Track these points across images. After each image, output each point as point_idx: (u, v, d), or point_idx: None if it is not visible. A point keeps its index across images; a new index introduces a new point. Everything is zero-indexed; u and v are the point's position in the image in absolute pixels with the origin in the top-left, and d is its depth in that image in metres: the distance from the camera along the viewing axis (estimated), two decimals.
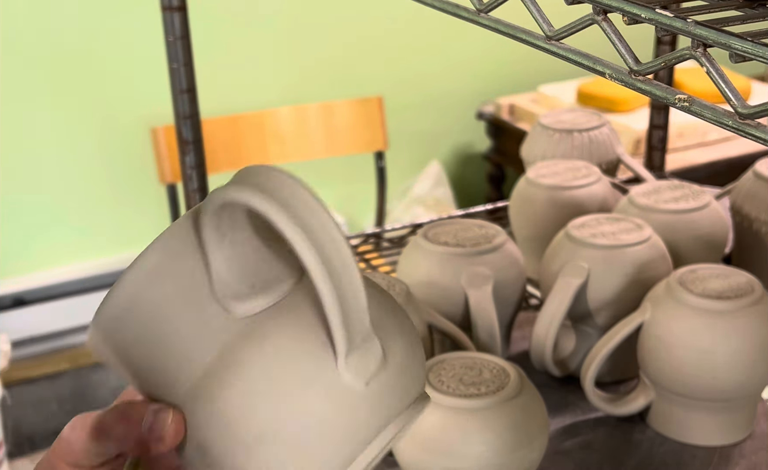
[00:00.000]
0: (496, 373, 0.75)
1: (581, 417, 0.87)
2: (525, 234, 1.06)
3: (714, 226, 0.97)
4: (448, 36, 2.35)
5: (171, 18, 0.95)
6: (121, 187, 2.16)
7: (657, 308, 0.81)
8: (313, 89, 2.24)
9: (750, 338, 0.78)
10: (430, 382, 0.74)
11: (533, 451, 0.73)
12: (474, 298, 0.87)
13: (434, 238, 0.92)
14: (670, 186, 1.01)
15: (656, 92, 0.42)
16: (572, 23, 0.46)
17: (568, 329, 0.92)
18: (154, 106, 2.01)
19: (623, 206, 0.99)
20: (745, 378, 0.79)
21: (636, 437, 0.84)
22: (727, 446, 0.83)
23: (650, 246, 0.89)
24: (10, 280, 2.17)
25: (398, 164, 2.35)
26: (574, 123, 1.16)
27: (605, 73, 0.44)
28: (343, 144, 2.08)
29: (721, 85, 0.38)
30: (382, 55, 2.35)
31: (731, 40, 0.37)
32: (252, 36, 2.18)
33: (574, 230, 0.90)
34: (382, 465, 0.82)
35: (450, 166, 2.53)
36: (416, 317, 0.82)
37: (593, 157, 1.14)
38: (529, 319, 1.00)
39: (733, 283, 0.80)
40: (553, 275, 0.89)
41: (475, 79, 2.46)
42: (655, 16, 0.41)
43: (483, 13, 0.52)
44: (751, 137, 0.37)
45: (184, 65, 0.96)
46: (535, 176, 1.05)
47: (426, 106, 2.45)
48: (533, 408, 0.74)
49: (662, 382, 0.81)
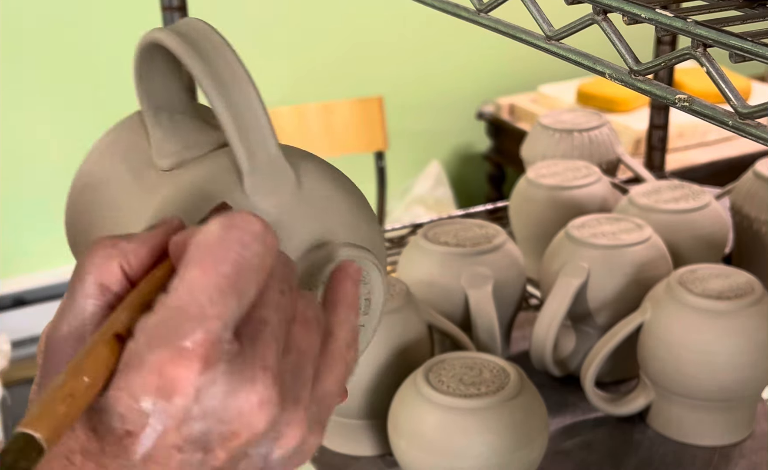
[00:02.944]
0: (496, 373, 0.75)
1: (581, 417, 0.87)
2: (525, 234, 1.06)
3: (714, 226, 0.97)
4: (448, 36, 2.35)
5: (171, 18, 0.95)
6: None
7: (657, 308, 0.81)
8: (313, 89, 2.24)
9: (750, 338, 0.78)
10: (430, 382, 0.75)
11: (533, 451, 0.73)
12: (474, 298, 0.87)
13: (434, 238, 0.92)
14: (670, 186, 1.01)
15: (656, 92, 0.42)
16: (572, 23, 0.46)
17: (568, 329, 0.92)
18: None
19: (623, 206, 0.99)
20: (745, 378, 0.79)
21: (636, 437, 0.84)
22: (727, 446, 0.83)
23: (650, 246, 0.89)
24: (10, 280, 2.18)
25: (398, 164, 2.35)
26: (574, 123, 1.16)
27: (605, 73, 0.44)
28: (343, 144, 2.08)
29: (721, 85, 0.38)
30: (382, 55, 2.35)
31: (731, 40, 0.37)
32: (252, 36, 2.18)
33: (574, 230, 0.90)
34: (382, 464, 0.82)
35: (450, 166, 2.53)
36: (416, 317, 0.82)
37: (593, 157, 1.14)
38: (529, 319, 1.00)
39: (733, 283, 0.80)
40: (553, 275, 0.89)
41: (475, 79, 2.47)
42: (655, 16, 0.41)
43: (483, 13, 0.52)
44: (751, 136, 0.37)
45: None
46: (535, 176, 1.05)
47: (426, 106, 2.45)
48: (533, 408, 0.74)
49: (662, 382, 0.81)
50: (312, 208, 0.42)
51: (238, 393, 0.33)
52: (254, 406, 0.33)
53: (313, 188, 0.42)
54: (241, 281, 0.33)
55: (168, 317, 0.33)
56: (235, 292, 0.33)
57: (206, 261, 0.33)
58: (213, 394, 0.33)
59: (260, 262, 0.34)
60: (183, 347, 0.32)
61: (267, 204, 0.41)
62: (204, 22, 0.41)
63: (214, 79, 0.39)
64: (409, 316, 0.82)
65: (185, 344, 0.32)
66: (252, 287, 0.34)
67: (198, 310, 0.32)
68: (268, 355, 0.34)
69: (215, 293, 0.33)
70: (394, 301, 0.81)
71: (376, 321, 0.45)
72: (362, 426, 0.82)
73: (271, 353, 0.34)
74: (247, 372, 0.33)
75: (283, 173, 0.41)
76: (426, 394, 0.73)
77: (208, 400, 0.33)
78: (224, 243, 0.33)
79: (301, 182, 0.42)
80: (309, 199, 0.42)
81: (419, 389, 0.74)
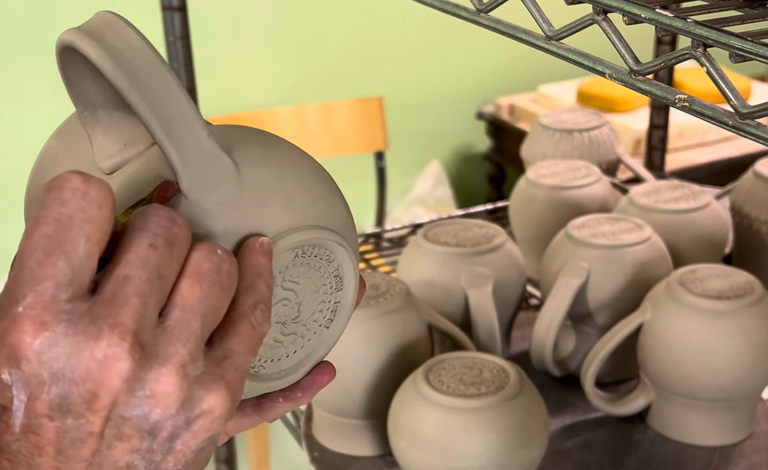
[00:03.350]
0: (496, 373, 0.75)
1: (581, 417, 0.87)
2: (525, 234, 1.06)
3: (714, 226, 0.97)
4: (448, 36, 2.35)
5: (171, 18, 0.95)
6: None
7: (657, 308, 0.81)
8: (313, 89, 2.24)
9: (750, 338, 0.78)
10: (430, 382, 0.75)
11: (533, 451, 0.73)
12: (474, 298, 0.87)
13: (434, 238, 0.92)
14: (670, 186, 1.01)
15: (656, 92, 0.42)
16: (572, 23, 0.46)
17: (568, 329, 0.92)
18: None
19: (623, 206, 0.99)
20: (745, 378, 0.79)
21: (636, 437, 0.84)
22: (727, 446, 0.83)
23: (650, 246, 0.89)
24: None
25: (398, 164, 2.35)
26: (574, 123, 1.16)
27: (605, 73, 0.44)
28: (343, 144, 2.08)
29: (721, 85, 0.38)
30: (382, 55, 2.35)
31: (731, 40, 0.37)
32: (252, 36, 2.18)
33: (574, 230, 0.90)
34: (382, 464, 0.82)
35: (450, 166, 2.53)
36: (416, 317, 0.82)
37: (593, 157, 1.14)
38: (529, 319, 1.00)
39: (733, 283, 0.80)
40: (553, 275, 0.89)
41: (475, 79, 2.46)
42: (655, 16, 0.41)
43: (483, 13, 0.52)
44: (751, 136, 0.37)
45: (184, 65, 0.97)
46: (535, 176, 1.05)
47: (426, 106, 2.45)
48: (533, 408, 0.74)
49: (662, 382, 0.81)
50: (256, 197, 0.40)
51: (82, 352, 0.33)
52: (99, 363, 0.33)
53: (256, 174, 0.40)
54: (65, 237, 0.33)
55: (7, 286, 0.34)
56: (61, 250, 0.33)
57: (30, 226, 0.34)
58: (56, 355, 0.33)
59: (84, 215, 0.33)
60: (16, 312, 0.32)
61: (208, 200, 0.39)
62: (114, 15, 0.39)
63: (129, 77, 0.38)
64: (409, 316, 0.82)
65: (18, 309, 0.32)
66: (81, 242, 0.33)
67: (28, 274, 0.33)
68: (123, 312, 0.33)
69: (41, 254, 0.33)
70: (394, 301, 0.81)
71: (351, 296, 0.44)
72: (362, 426, 0.82)
73: (127, 310, 0.33)
74: (91, 329, 0.33)
75: (220, 164, 0.39)
76: (426, 394, 0.73)
77: (53, 362, 0.33)
78: (44, 203, 0.34)
79: (242, 170, 0.40)
80: (252, 187, 0.40)
81: (419, 389, 0.74)
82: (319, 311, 0.44)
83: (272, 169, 0.41)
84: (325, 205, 0.43)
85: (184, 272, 0.36)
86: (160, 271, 0.35)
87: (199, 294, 0.35)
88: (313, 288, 0.43)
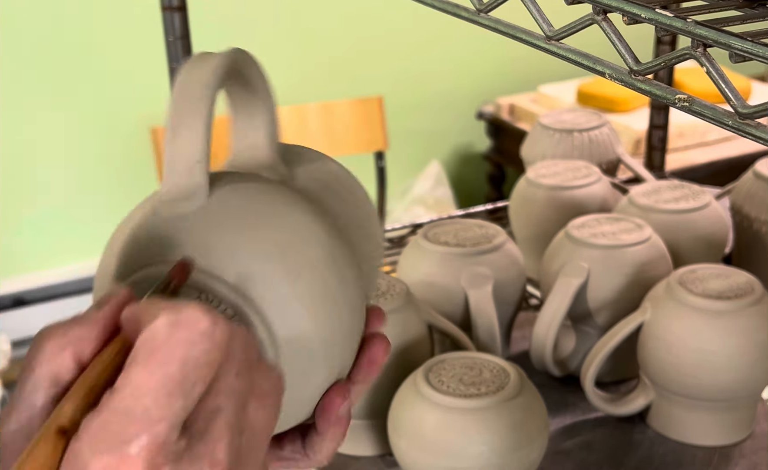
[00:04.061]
0: (496, 373, 0.75)
1: (581, 417, 0.87)
2: (525, 234, 1.06)
3: (714, 226, 0.97)
4: (448, 36, 2.35)
5: (171, 18, 0.95)
6: (121, 186, 2.16)
7: (657, 308, 0.81)
8: (313, 89, 2.24)
9: (750, 338, 0.78)
10: (430, 382, 0.75)
11: (533, 451, 0.73)
12: (474, 298, 0.87)
13: (434, 238, 0.92)
14: (670, 186, 1.01)
15: (656, 92, 0.42)
16: (572, 23, 0.46)
17: (568, 329, 0.92)
18: (154, 107, 2.01)
19: (623, 206, 0.99)
20: (745, 378, 0.79)
21: (636, 437, 0.84)
22: (727, 446, 0.83)
23: (650, 246, 0.89)
24: (10, 280, 2.18)
25: (398, 164, 2.35)
26: (574, 123, 1.16)
27: (605, 73, 0.44)
28: (343, 144, 2.08)
29: (721, 85, 0.38)
30: (382, 55, 2.35)
31: (731, 40, 0.37)
32: (252, 36, 2.18)
33: (574, 230, 0.90)
34: (382, 464, 0.82)
35: (450, 166, 2.53)
36: (416, 317, 0.82)
37: (593, 157, 1.14)
38: (529, 319, 1.00)
39: (733, 283, 0.80)
40: (553, 275, 0.89)
41: (475, 79, 2.46)
42: (655, 16, 0.41)
43: (483, 13, 0.52)
44: (751, 136, 0.37)
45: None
46: (535, 176, 1.05)
47: (426, 106, 2.45)
48: (533, 408, 0.74)
49: (662, 382, 0.81)
50: (210, 227, 0.39)
51: None
52: None
53: (221, 204, 0.40)
54: (187, 380, 0.33)
55: (112, 419, 0.32)
56: (182, 392, 0.32)
57: (152, 362, 0.32)
58: None
59: (207, 358, 0.33)
60: (127, 453, 0.31)
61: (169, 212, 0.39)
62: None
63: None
64: (409, 316, 0.82)
65: (130, 450, 0.31)
66: (199, 384, 0.33)
67: (143, 413, 0.32)
68: (219, 448, 0.33)
69: (161, 394, 0.32)
70: (394, 301, 0.81)
71: (305, 360, 0.40)
72: (362, 426, 0.82)
73: (222, 445, 0.33)
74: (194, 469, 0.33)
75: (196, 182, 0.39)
76: (426, 394, 0.73)
77: None
78: (171, 342, 0.33)
79: (213, 195, 0.40)
80: (208, 215, 0.39)
81: (419, 389, 0.74)
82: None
83: (240, 207, 0.40)
84: (298, 256, 0.40)
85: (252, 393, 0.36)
86: (242, 398, 0.35)
87: (263, 415, 0.36)
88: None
